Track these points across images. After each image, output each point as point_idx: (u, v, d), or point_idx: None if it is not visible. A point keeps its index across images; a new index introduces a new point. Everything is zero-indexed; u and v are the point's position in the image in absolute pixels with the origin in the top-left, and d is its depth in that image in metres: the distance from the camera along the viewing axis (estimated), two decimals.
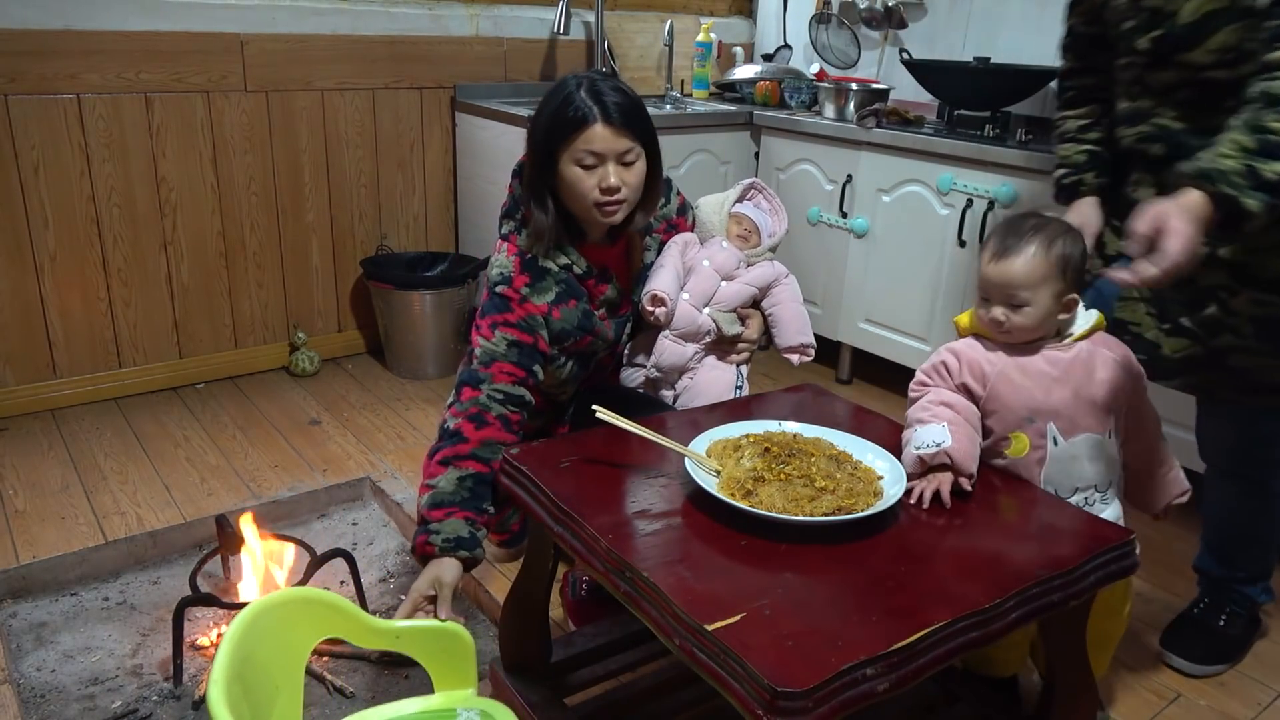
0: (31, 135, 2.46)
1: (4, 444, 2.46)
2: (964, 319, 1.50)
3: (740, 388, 1.82)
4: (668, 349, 1.79)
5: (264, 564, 1.84)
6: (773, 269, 1.85)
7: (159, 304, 2.78)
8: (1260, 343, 1.50)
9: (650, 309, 1.75)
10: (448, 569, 1.50)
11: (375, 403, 2.82)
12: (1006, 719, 1.52)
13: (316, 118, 2.90)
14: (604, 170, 1.57)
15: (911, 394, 1.45)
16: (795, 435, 1.37)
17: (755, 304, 1.85)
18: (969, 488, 1.30)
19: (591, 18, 3.35)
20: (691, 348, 1.79)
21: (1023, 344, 1.42)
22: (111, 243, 2.65)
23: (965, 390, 1.41)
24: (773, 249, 1.90)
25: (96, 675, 1.69)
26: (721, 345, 1.81)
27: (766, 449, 1.30)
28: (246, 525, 1.85)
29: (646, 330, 1.84)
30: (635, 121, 1.58)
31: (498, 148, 2.93)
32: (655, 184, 1.68)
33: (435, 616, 1.42)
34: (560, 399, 1.87)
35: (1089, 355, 1.41)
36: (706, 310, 1.78)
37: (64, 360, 2.67)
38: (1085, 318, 1.43)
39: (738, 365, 1.83)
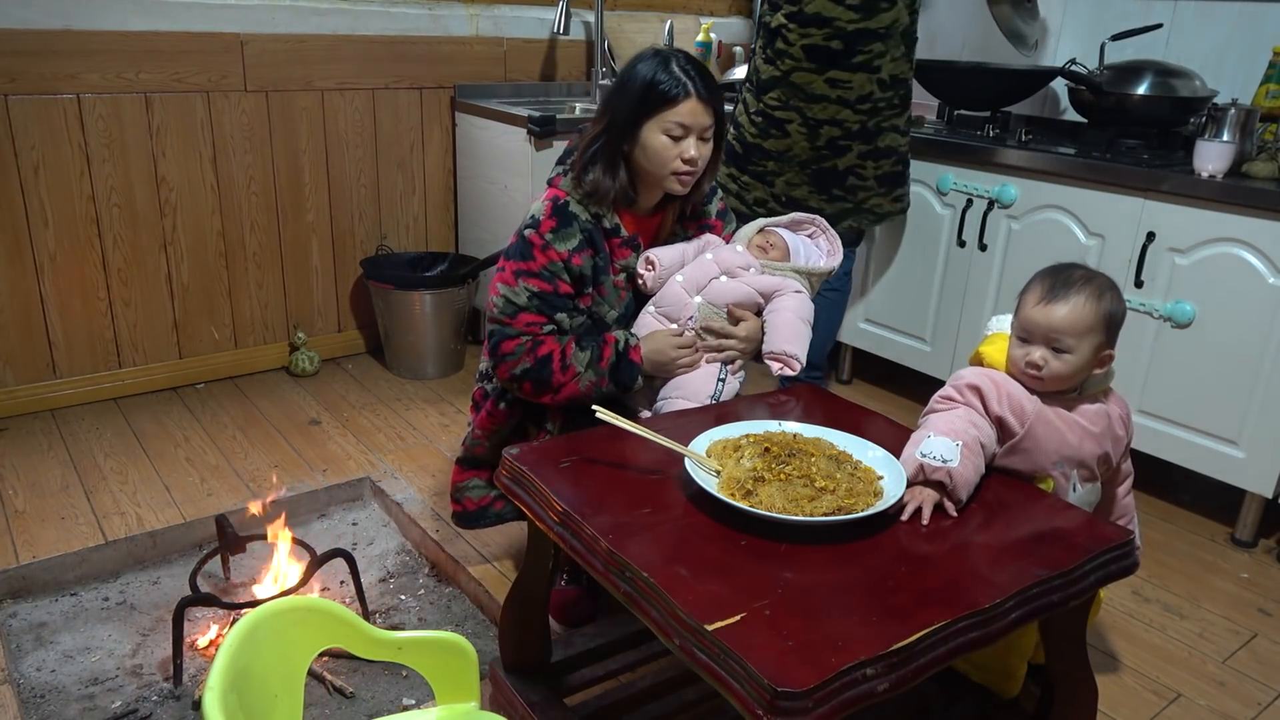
0: (31, 135, 2.46)
1: (4, 444, 2.46)
2: (990, 353, 1.47)
3: (722, 380, 1.75)
4: (647, 324, 1.78)
5: (279, 559, 1.86)
6: (784, 280, 1.79)
7: (159, 304, 2.78)
8: (879, 187, 2.44)
9: (641, 270, 1.78)
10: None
11: (375, 403, 2.83)
12: (1007, 718, 1.52)
13: (316, 118, 2.91)
14: (687, 143, 1.67)
15: (935, 405, 1.42)
16: (795, 435, 1.37)
17: (759, 312, 1.79)
18: (954, 513, 1.27)
19: (591, 18, 3.35)
20: (673, 330, 1.77)
21: (1053, 394, 1.41)
22: (111, 243, 2.65)
23: (1000, 424, 1.39)
24: (806, 276, 1.83)
25: (96, 675, 1.70)
26: (706, 337, 1.76)
27: (766, 449, 1.30)
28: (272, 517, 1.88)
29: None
30: (719, 101, 1.70)
31: (498, 148, 2.93)
32: (717, 158, 1.77)
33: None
34: None
35: (1109, 410, 1.46)
36: (697, 299, 1.75)
37: (64, 360, 2.67)
38: (1109, 374, 1.45)
39: (723, 364, 1.77)
